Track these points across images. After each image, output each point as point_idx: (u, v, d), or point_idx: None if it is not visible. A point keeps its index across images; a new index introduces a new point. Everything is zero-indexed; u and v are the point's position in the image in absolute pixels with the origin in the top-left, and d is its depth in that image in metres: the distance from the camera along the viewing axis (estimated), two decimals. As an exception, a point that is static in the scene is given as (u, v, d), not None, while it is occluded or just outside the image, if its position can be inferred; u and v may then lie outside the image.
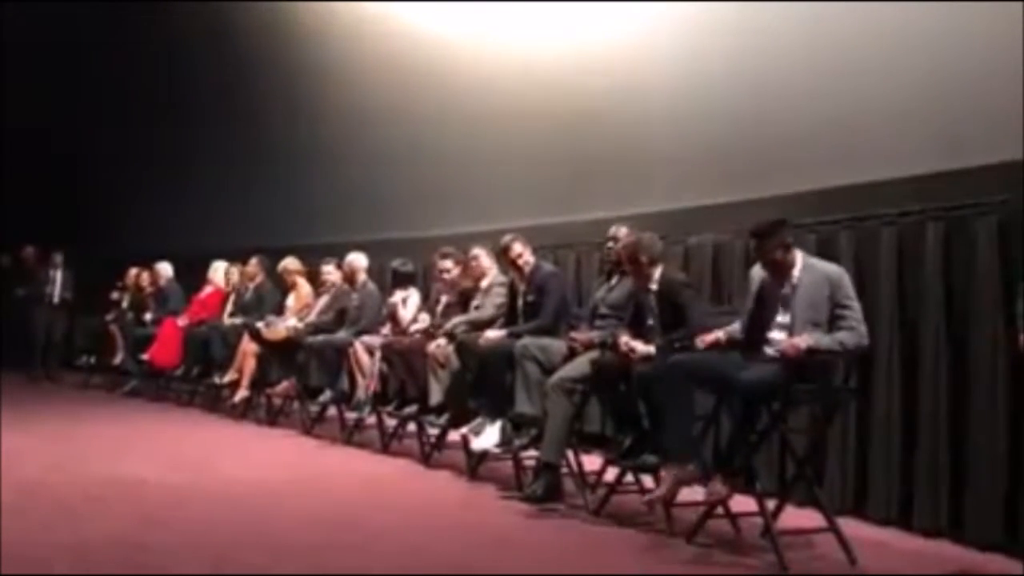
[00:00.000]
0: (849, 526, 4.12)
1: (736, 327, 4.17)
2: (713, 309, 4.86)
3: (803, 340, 3.81)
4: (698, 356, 4.15)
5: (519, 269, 5.44)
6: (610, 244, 5.10)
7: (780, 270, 3.99)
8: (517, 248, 5.43)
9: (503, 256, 5.51)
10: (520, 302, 5.43)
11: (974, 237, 4.17)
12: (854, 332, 3.85)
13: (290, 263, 7.95)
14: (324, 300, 7.53)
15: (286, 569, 3.74)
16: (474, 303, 5.92)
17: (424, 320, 6.22)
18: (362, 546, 4.11)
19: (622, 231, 5.00)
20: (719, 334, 4.16)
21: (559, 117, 6.89)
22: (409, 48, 8.49)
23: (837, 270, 4.01)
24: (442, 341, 5.78)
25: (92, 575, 3.61)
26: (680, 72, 5.97)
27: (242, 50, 10.58)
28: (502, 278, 5.86)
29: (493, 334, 5.38)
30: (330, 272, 7.50)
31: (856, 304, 3.90)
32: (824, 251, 4.65)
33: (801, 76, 5.16)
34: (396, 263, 6.85)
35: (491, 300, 5.77)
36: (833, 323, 3.88)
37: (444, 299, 6.31)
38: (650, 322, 4.58)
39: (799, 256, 4.01)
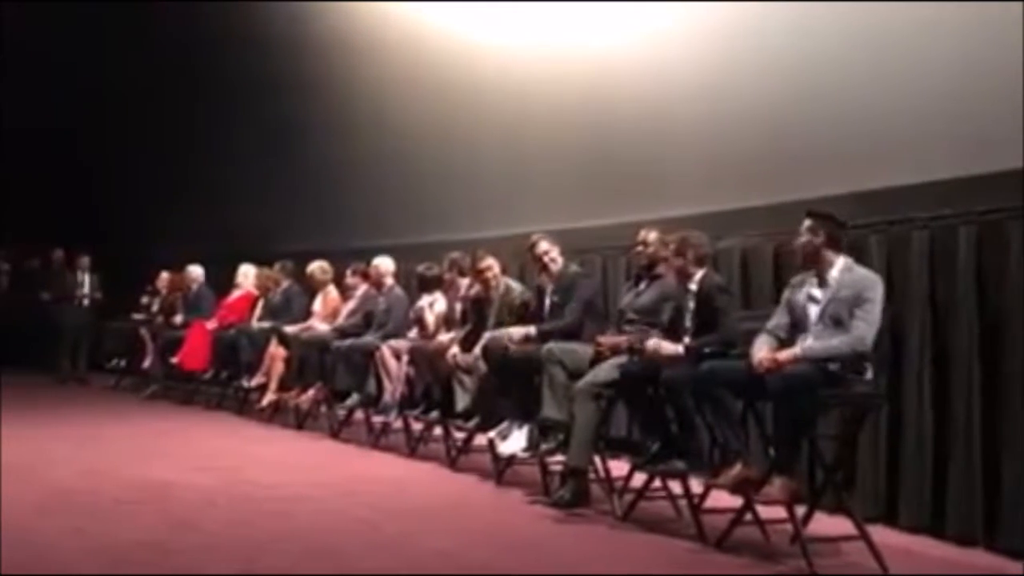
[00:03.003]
0: (880, 533, 4.08)
1: None
2: (743, 314, 4.82)
3: (786, 355, 3.84)
4: (726, 363, 4.13)
5: (546, 268, 5.43)
6: (639, 248, 5.08)
7: (808, 258, 3.99)
8: (543, 246, 5.43)
9: (530, 254, 5.50)
10: (547, 302, 5.41)
11: (1007, 241, 4.11)
12: (850, 336, 3.83)
13: (317, 268, 8.00)
14: (350, 304, 7.57)
15: (314, 571, 3.76)
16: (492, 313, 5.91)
17: (450, 335, 6.20)
18: (389, 549, 4.12)
19: (651, 235, 4.98)
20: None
21: (586, 121, 6.87)
22: (435, 54, 8.51)
23: (871, 276, 3.99)
24: (456, 349, 5.81)
25: (123, 577, 3.64)
26: (708, 75, 5.93)
27: (272, 57, 10.66)
28: (517, 287, 5.87)
29: (518, 331, 5.35)
30: (354, 276, 7.55)
31: (871, 307, 3.86)
32: (854, 255, 4.60)
33: (831, 79, 5.11)
34: (421, 267, 6.87)
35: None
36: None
37: (458, 307, 6.33)
38: (685, 322, 4.55)
39: (840, 260, 3.99)
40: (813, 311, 3.98)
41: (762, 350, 3.95)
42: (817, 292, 4.00)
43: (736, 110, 5.70)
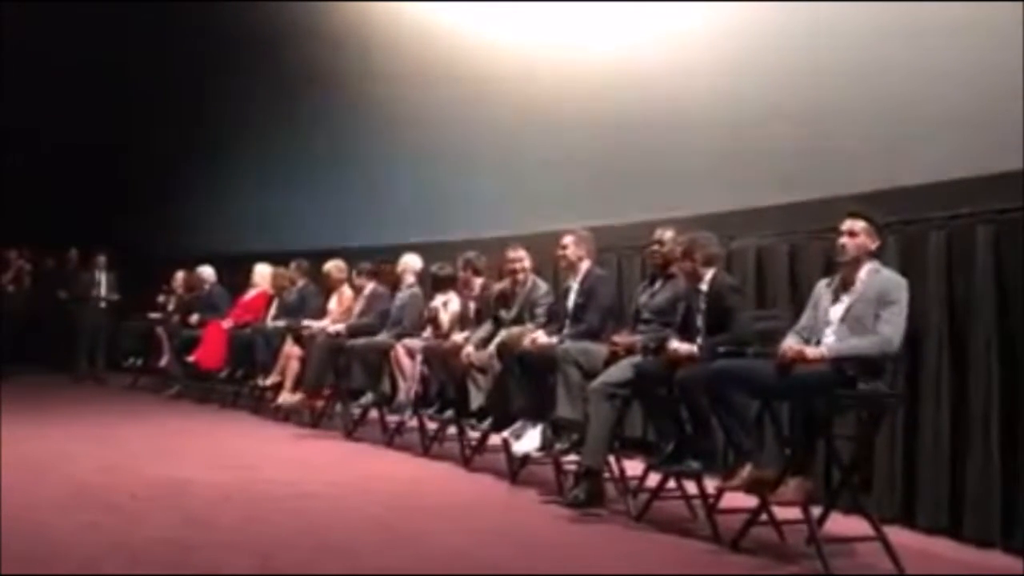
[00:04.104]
0: (896, 534, 4.05)
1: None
2: (757, 313, 4.81)
3: (813, 352, 3.82)
4: (741, 362, 4.13)
5: (572, 267, 5.42)
6: (655, 247, 5.06)
7: (855, 261, 3.96)
8: (565, 240, 5.43)
9: (562, 252, 5.48)
10: (571, 302, 5.40)
11: (1026, 240, 4.09)
12: (877, 337, 3.81)
13: (333, 266, 8.01)
14: (360, 304, 7.58)
15: (329, 569, 3.77)
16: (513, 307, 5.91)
17: (464, 334, 6.19)
18: (405, 548, 4.13)
19: (667, 234, 4.97)
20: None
21: (600, 120, 6.87)
22: (451, 53, 8.53)
23: (897, 278, 3.96)
24: (470, 348, 5.81)
25: (142, 575, 3.66)
26: (723, 75, 5.92)
27: (285, 53, 10.70)
28: (543, 286, 5.87)
29: (542, 339, 5.34)
30: (360, 276, 7.58)
31: (897, 310, 3.84)
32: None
33: (846, 78, 5.09)
34: (434, 267, 6.89)
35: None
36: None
37: (472, 306, 6.32)
38: (697, 323, 4.55)
39: (869, 264, 3.97)
40: (834, 312, 3.96)
41: (790, 344, 3.94)
42: (843, 295, 3.98)
43: (751, 110, 5.68)
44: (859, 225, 3.98)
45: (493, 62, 8.02)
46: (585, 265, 5.41)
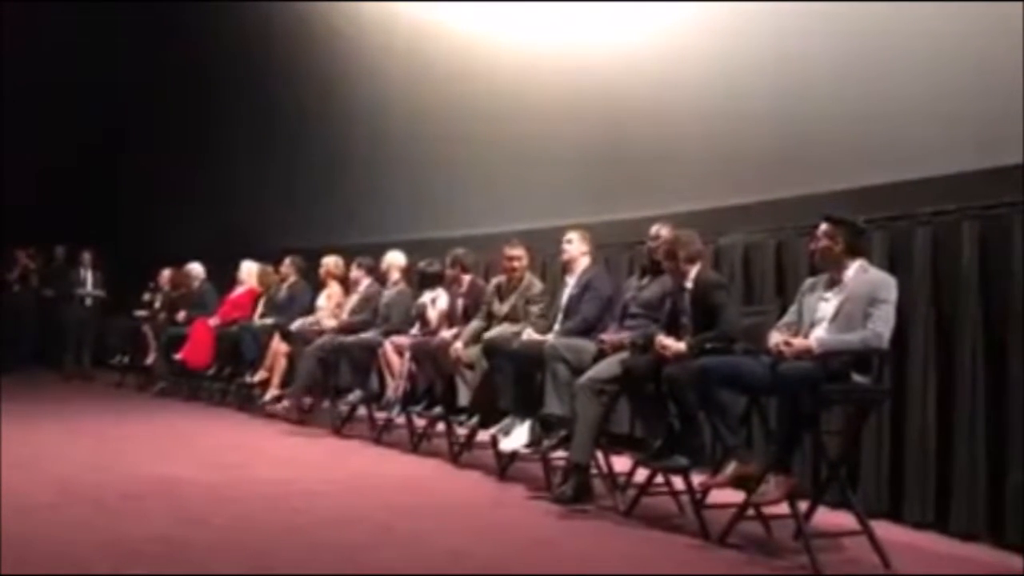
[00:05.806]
0: (883, 529, 4.08)
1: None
2: (744, 309, 4.83)
3: (801, 342, 3.85)
4: (728, 359, 4.14)
5: (572, 262, 5.42)
6: (651, 243, 5.06)
7: (825, 263, 3.99)
8: (570, 235, 5.44)
9: (566, 246, 5.47)
10: (565, 297, 5.41)
11: (1011, 236, 4.11)
12: (866, 332, 3.84)
13: (332, 263, 7.96)
14: (354, 300, 7.57)
15: (322, 569, 3.76)
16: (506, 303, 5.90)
17: (452, 331, 6.19)
18: (396, 546, 4.12)
19: (664, 230, 4.95)
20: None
21: (588, 118, 6.88)
22: (442, 52, 8.52)
23: (886, 277, 4.00)
24: (459, 345, 5.81)
25: (133, 575, 3.65)
26: (711, 71, 5.94)
27: (276, 52, 10.66)
28: (539, 285, 5.87)
29: (538, 339, 5.34)
30: (359, 270, 7.55)
31: (886, 307, 3.87)
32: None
33: (834, 74, 5.11)
34: (422, 264, 6.88)
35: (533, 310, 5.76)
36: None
37: (461, 303, 6.32)
38: (684, 321, 4.56)
39: (856, 262, 3.99)
40: (823, 311, 3.98)
41: (777, 338, 3.97)
42: (828, 293, 4.01)
43: (739, 107, 5.70)
44: (821, 228, 4.04)
45: (486, 62, 8.02)
46: (584, 262, 5.41)
